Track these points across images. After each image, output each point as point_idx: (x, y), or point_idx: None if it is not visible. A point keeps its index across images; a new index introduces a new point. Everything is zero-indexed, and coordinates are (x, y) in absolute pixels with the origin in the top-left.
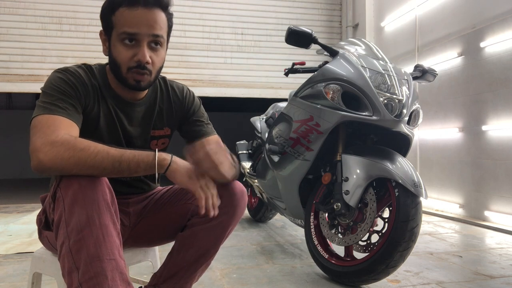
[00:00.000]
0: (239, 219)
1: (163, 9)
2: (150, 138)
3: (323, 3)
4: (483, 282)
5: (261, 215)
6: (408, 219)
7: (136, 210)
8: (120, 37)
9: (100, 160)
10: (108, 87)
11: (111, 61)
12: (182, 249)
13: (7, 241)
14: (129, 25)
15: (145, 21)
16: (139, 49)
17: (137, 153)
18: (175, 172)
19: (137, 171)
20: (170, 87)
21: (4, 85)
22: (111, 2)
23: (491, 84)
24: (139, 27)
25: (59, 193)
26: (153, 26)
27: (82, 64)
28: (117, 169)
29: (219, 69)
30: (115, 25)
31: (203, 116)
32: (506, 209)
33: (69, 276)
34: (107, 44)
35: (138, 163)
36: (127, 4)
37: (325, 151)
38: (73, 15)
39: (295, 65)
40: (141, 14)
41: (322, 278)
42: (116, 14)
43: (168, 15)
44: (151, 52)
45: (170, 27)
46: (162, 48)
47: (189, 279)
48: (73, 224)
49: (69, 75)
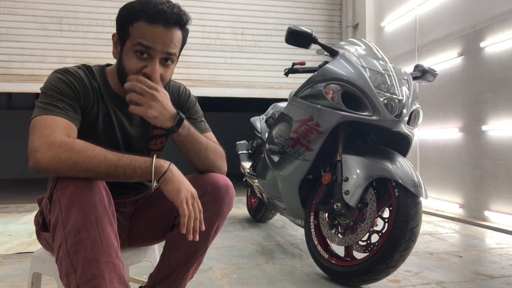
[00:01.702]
0: (226, 214)
1: (181, 28)
2: (149, 137)
3: (323, 3)
4: (483, 282)
5: (261, 215)
6: (408, 219)
7: (133, 210)
8: (134, 48)
9: (97, 163)
10: (108, 88)
11: (120, 67)
12: (173, 250)
13: (7, 241)
14: (146, 39)
15: (162, 40)
16: (150, 63)
17: (134, 159)
18: (167, 182)
19: (133, 177)
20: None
21: (4, 85)
22: (132, 12)
23: (491, 84)
24: (154, 43)
25: (55, 195)
26: (169, 45)
27: (82, 65)
28: (113, 174)
29: (219, 69)
30: (131, 36)
31: (197, 113)
32: (506, 209)
33: (66, 278)
34: (118, 48)
35: (134, 168)
36: (148, 20)
37: (325, 151)
38: (73, 15)
39: (295, 65)
40: (160, 32)
41: (322, 278)
42: (135, 25)
43: (185, 33)
44: (162, 68)
45: (184, 43)
46: (173, 63)
47: (184, 277)
48: (70, 226)
49: (69, 75)
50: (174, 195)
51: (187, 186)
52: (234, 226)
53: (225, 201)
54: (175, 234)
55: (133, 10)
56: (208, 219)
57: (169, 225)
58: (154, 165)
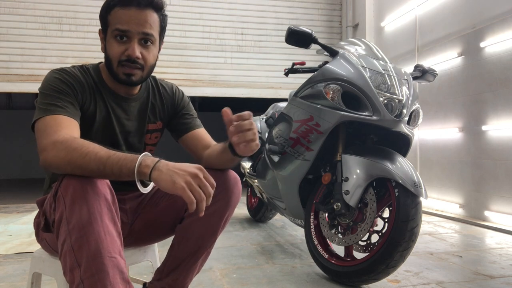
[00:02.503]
0: (235, 206)
1: (156, 10)
2: (145, 131)
3: (323, 3)
4: (483, 282)
5: (261, 215)
6: (408, 219)
7: (133, 207)
8: (113, 34)
9: (88, 161)
10: (103, 84)
11: (106, 57)
12: (182, 241)
13: (7, 241)
14: (121, 23)
15: (136, 20)
16: (129, 45)
17: (122, 158)
18: (157, 180)
19: (121, 177)
20: (160, 85)
21: (4, 85)
22: (108, 2)
23: (491, 84)
24: (129, 25)
25: (60, 192)
26: (144, 25)
27: (77, 65)
28: (102, 173)
29: (219, 69)
30: (110, 24)
31: (192, 111)
32: (506, 209)
33: (71, 273)
34: (104, 42)
35: (120, 168)
36: (121, 5)
37: (325, 151)
38: (73, 15)
39: (295, 65)
40: (133, 13)
41: (322, 278)
42: (112, 13)
43: (161, 16)
44: (142, 49)
45: (163, 28)
46: (154, 46)
47: (191, 269)
48: (75, 221)
49: (64, 74)
50: (171, 189)
51: (183, 171)
52: (234, 226)
53: (234, 192)
54: (186, 225)
55: (109, 0)
56: (217, 211)
57: (178, 219)
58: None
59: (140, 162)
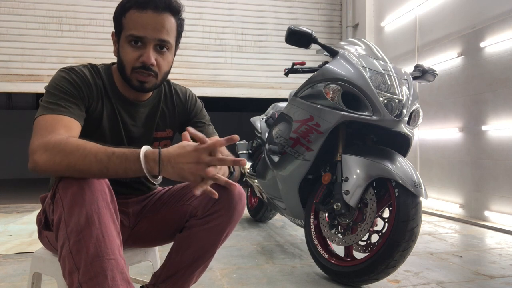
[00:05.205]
0: (237, 222)
1: (173, 14)
2: (152, 139)
3: (323, 3)
4: (483, 282)
5: (261, 215)
6: (408, 219)
7: (135, 211)
8: (128, 38)
9: (88, 164)
10: (113, 87)
11: (119, 61)
12: (180, 250)
13: (7, 241)
14: (137, 28)
15: (153, 25)
16: (144, 50)
17: (124, 159)
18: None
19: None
20: (173, 90)
21: (4, 85)
22: (123, 4)
23: (491, 84)
24: (145, 31)
25: (58, 194)
26: (160, 31)
27: (88, 63)
28: (106, 175)
29: (219, 69)
30: (124, 27)
31: (204, 118)
32: (506, 209)
33: (69, 277)
34: (117, 45)
35: (126, 171)
36: (137, 7)
37: (325, 151)
38: (73, 15)
39: (295, 65)
40: (150, 17)
41: (322, 278)
42: (126, 16)
43: (178, 21)
44: (157, 55)
45: (179, 33)
46: (169, 52)
47: (188, 279)
48: (73, 225)
49: (73, 74)
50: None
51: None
52: None
53: (237, 208)
54: (186, 235)
55: (124, 2)
56: (219, 225)
57: (179, 227)
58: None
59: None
